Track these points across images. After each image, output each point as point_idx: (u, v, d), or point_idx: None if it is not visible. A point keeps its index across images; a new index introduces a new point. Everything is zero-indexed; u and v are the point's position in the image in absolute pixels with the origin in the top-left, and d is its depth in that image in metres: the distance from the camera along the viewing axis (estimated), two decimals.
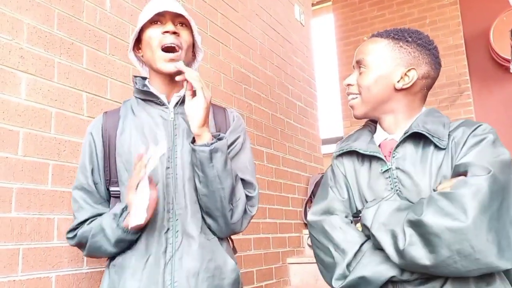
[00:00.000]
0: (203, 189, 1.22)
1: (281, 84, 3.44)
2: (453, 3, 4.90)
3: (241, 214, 1.28)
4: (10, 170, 1.47)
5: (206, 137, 1.21)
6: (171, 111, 1.32)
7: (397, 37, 1.19)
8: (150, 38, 1.28)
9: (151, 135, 1.29)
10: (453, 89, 4.77)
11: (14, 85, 1.53)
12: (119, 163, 1.29)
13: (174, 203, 1.24)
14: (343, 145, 1.27)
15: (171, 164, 1.27)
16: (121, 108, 1.38)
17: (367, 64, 1.19)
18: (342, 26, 5.50)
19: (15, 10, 1.56)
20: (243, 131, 1.40)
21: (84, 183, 1.30)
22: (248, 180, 1.33)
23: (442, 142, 1.10)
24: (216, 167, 1.20)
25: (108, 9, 1.95)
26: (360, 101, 1.21)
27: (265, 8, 3.37)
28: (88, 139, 1.34)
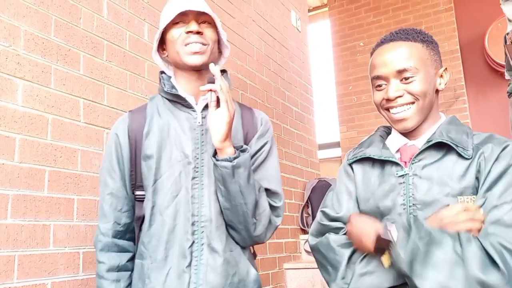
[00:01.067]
0: (225, 203, 1.19)
1: (277, 90, 3.45)
2: (448, 9, 4.94)
3: (265, 226, 1.24)
4: (6, 177, 1.47)
5: (229, 151, 1.16)
6: (198, 114, 1.27)
7: (425, 39, 1.16)
8: (174, 38, 1.25)
9: (177, 140, 1.24)
10: (448, 94, 4.80)
11: (11, 91, 1.53)
12: (143, 167, 1.25)
13: (199, 215, 1.21)
14: (356, 151, 1.24)
15: (197, 174, 1.23)
16: (147, 106, 1.34)
17: (416, 70, 1.11)
18: (338, 32, 5.52)
19: (12, 17, 1.57)
20: (271, 137, 1.35)
21: (113, 187, 1.28)
22: (273, 189, 1.27)
23: (467, 152, 1.07)
24: (238, 182, 1.15)
25: (105, 15, 1.96)
26: (416, 110, 1.13)
27: (262, 15, 3.39)
28: (114, 140, 1.30)
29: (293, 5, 3.95)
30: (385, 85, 1.15)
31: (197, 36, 1.23)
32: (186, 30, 1.24)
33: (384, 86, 1.15)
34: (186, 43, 1.23)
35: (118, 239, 1.28)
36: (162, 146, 1.24)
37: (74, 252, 1.66)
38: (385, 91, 1.14)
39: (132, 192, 1.29)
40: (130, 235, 1.31)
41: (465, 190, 1.05)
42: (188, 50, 1.23)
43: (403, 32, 1.17)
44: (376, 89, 1.17)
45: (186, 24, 1.25)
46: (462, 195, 1.05)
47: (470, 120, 4.71)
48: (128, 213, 1.29)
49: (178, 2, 1.26)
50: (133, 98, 2.02)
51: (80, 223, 1.70)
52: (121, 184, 1.28)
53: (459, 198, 1.05)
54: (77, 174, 1.71)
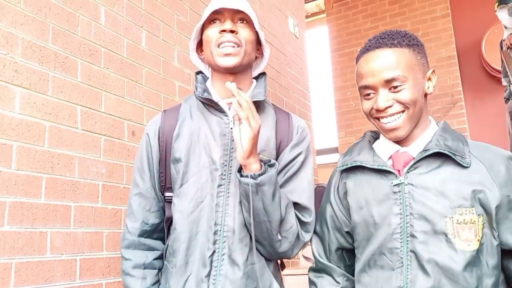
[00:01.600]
0: (249, 218, 1.13)
1: (275, 96, 3.46)
2: (445, 15, 4.97)
3: (292, 243, 1.19)
4: (3, 184, 1.48)
5: (254, 168, 1.11)
6: (230, 119, 1.22)
7: (411, 42, 1.12)
8: (208, 37, 1.21)
9: (206, 145, 1.21)
10: (446, 100, 4.82)
11: (9, 99, 1.53)
12: (172, 170, 1.23)
13: (222, 225, 1.17)
14: (346, 159, 1.20)
15: (224, 181, 1.18)
16: (181, 107, 1.30)
17: (405, 78, 1.08)
18: (336, 38, 5.55)
19: (10, 25, 1.57)
20: (307, 147, 1.28)
21: (142, 187, 1.27)
22: (304, 204, 1.21)
23: (465, 160, 1.06)
24: (262, 200, 1.11)
25: (103, 23, 1.96)
26: (407, 118, 1.10)
27: (260, 21, 3.40)
28: (145, 140, 1.29)
29: (290, 11, 3.97)
30: (374, 94, 1.11)
31: (231, 35, 1.18)
32: (220, 29, 1.20)
33: (372, 95, 1.12)
34: (219, 43, 1.19)
35: (145, 238, 1.27)
36: (191, 150, 1.21)
37: (71, 259, 1.66)
38: (374, 100, 1.11)
39: (161, 193, 1.28)
40: (158, 234, 1.29)
41: (464, 202, 1.04)
42: (221, 51, 1.19)
43: (388, 37, 1.12)
44: (364, 98, 1.14)
45: (222, 23, 1.21)
46: (460, 207, 1.03)
47: (468, 125, 4.72)
48: (157, 214, 1.28)
49: (214, 2, 1.23)
50: (131, 105, 2.03)
51: (77, 230, 1.70)
52: (150, 185, 1.27)
53: (457, 210, 1.03)
54: (74, 181, 1.72)
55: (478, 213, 1.03)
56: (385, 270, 1.09)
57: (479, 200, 1.03)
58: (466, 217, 1.03)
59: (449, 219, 1.03)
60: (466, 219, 1.03)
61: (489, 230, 1.04)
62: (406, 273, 1.05)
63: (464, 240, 1.02)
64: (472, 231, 1.02)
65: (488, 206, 1.03)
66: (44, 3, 1.71)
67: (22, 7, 1.62)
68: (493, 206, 1.02)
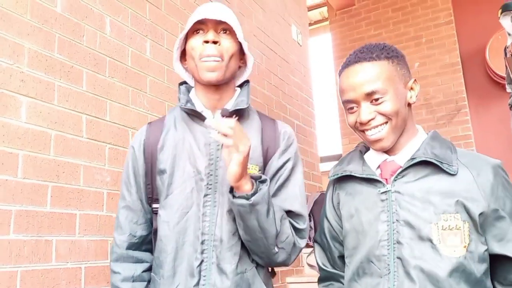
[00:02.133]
0: (245, 236, 1.15)
1: (279, 103, 3.47)
2: (448, 22, 4.97)
3: (289, 253, 1.20)
4: (9, 193, 1.49)
5: (246, 188, 1.10)
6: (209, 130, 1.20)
7: (390, 55, 1.14)
8: (192, 49, 1.21)
9: (191, 155, 1.21)
10: (450, 106, 4.81)
11: (15, 108, 1.55)
12: (158, 181, 1.23)
13: (209, 234, 1.17)
14: (336, 169, 1.24)
15: (210, 191, 1.19)
16: (166, 118, 1.31)
17: (385, 90, 1.10)
18: (339, 45, 5.57)
19: (17, 35, 1.60)
20: (294, 152, 1.28)
21: (129, 200, 1.27)
22: (297, 211, 1.21)
23: (452, 168, 1.07)
24: (257, 218, 1.10)
25: (108, 33, 1.99)
26: (390, 129, 1.12)
27: (263, 29, 3.43)
28: (131, 153, 1.29)
29: (293, 19, 3.99)
30: (357, 107, 1.13)
31: (214, 46, 1.18)
32: (203, 39, 1.19)
33: (355, 108, 1.14)
34: (202, 56, 1.18)
35: (133, 250, 1.27)
36: (176, 161, 1.21)
37: (76, 268, 1.66)
38: (357, 113, 1.13)
39: (149, 205, 1.28)
40: (147, 246, 1.30)
41: (448, 208, 1.05)
42: (205, 66, 1.19)
43: (367, 51, 1.14)
44: (348, 112, 1.17)
45: (205, 33, 1.21)
46: (445, 213, 1.05)
47: (472, 132, 4.71)
48: (144, 226, 1.28)
49: (200, 9, 1.23)
50: (135, 114, 2.04)
51: (82, 238, 1.71)
52: (137, 197, 1.27)
53: (442, 216, 1.05)
54: (80, 189, 1.73)
55: (463, 219, 1.04)
56: (373, 278, 1.10)
57: (464, 206, 1.04)
58: (451, 223, 1.04)
59: (434, 225, 1.05)
60: (451, 225, 1.04)
61: (476, 236, 1.05)
62: (393, 280, 1.07)
63: (450, 246, 1.03)
64: (458, 237, 1.03)
65: (472, 213, 1.04)
66: (50, 14, 1.73)
67: (28, 18, 1.65)
68: (477, 213, 1.04)
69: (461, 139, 4.66)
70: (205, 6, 1.24)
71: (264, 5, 3.49)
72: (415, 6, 5.16)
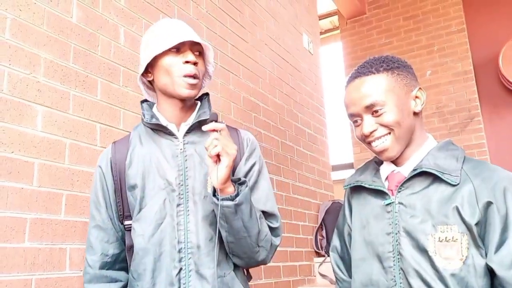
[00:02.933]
0: (229, 238, 1.19)
1: (290, 112, 3.47)
2: (460, 30, 4.95)
3: (268, 250, 1.25)
4: (25, 201, 1.50)
5: (229, 190, 1.15)
6: (180, 141, 1.28)
7: (389, 66, 1.16)
8: (170, 66, 1.24)
9: (159, 168, 1.25)
10: (463, 115, 4.77)
11: (31, 117, 1.57)
12: (129, 197, 1.27)
13: (186, 242, 1.20)
14: (350, 179, 1.28)
15: (182, 201, 1.23)
16: (130, 136, 1.35)
17: (383, 102, 1.13)
18: (350, 54, 5.56)
19: (33, 46, 1.62)
20: (258, 156, 1.34)
21: (98, 219, 1.30)
22: (269, 211, 1.27)
23: (453, 178, 1.07)
24: (241, 218, 1.15)
25: (122, 42, 2.01)
26: (394, 139, 1.14)
27: (274, 38, 3.44)
28: (98, 172, 1.33)
29: (304, 28, 4.00)
30: (360, 120, 1.17)
31: (193, 67, 1.25)
32: (184, 60, 1.24)
33: (359, 121, 1.17)
34: (184, 75, 1.24)
35: (106, 270, 1.29)
36: (145, 175, 1.25)
37: None
38: (360, 127, 1.17)
39: (120, 222, 1.31)
40: (120, 265, 1.32)
41: (445, 219, 1.05)
42: (185, 82, 1.24)
43: (367, 66, 1.18)
44: (354, 125, 1.20)
45: (181, 52, 1.26)
46: (442, 224, 1.05)
47: (486, 140, 4.66)
48: (116, 244, 1.31)
49: (172, 29, 1.28)
50: None
51: None
52: (106, 216, 1.30)
53: (439, 227, 1.05)
54: None
55: (461, 231, 1.04)
56: None
57: (460, 215, 1.04)
58: (448, 235, 1.04)
59: (431, 236, 1.06)
60: (448, 236, 1.04)
61: (476, 249, 1.04)
62: None
63: (445, 258, 1.03)
64: (454, 250, 1.03)
65: (468, 223, 1.03)
66: (66, 24, 1.76)
67: (45, 29, 1.67)
68: (472, 222, 1.03)
69: (474, 148, 4.61)
70: (177, 26, 1.29)
71: (275, 14, 3.51)
72: (426, 14, 5.15)
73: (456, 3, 5.00)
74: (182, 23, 1.32)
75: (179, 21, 1.33)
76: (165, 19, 1.36)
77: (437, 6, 5.10)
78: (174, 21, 1.33)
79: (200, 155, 1.26)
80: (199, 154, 1.27)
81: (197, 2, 2.58)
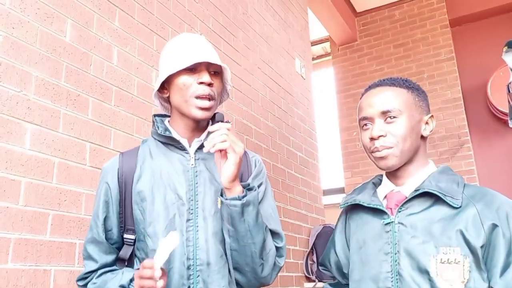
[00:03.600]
0: (233, 244, 1.17)
1: (282, 135, 3.48)
2: (450, 58, 5.04)
3: (271, 267, 1.22)
4: (9, 220, 1.47)
5: (237, 190, 1.16)
6: (191, 156, 1.26)
7: (410, 85, 1.20)
8: (184, 86, 1.23)
9: (170, 182, 1.23)
10: (453, 141, 4.81)
11: (19, 135, 1.55)
12: (135, 210, 1.23)
13: (195, 259, 1.18)
14: (347, 198, 1.27)
15: (192, 216, 1.21)
16: (139, 149, 1.32)
17: (400, 112, 1.15)
18: (342, 79, 5.63)
19: (25, 63, 1.61)
20: (265, 177, 1.35)
21: (95, 232, 1.27)
22: (274, 230, 1.26)
23: (456, 201, 1.08)
24: (247, 221, 1.14)
25: (115, 62, 2.01)
26: (397, 152, 1.15)
27: (267, 62, 3.47)
28: (104, 184, 1.29)
29: (297, 53, 4.05)
30: (371, 125, 1.18)
31: (208, 88, 1.23)
32: (198, 80, 1.22)
33: (369, 125, 1.19)
34: (197, 96, 1.22)
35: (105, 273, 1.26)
36: (155, 189, 1.23)
37: None
38: (370, 130, 1.18)
39: (120, 235, 1.28)
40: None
41: (448, 241, 1.05)
42: (198, 104, 1.22)
43: (389, 79, 1.22)
44: (362, 129, 1.21)
45: (197, 72, 1.23)
46: (444, 246, 1.05)
47: (476, 167, 4.69)
48: (113, 255, 1.28)
49: (188, 45, 1.26)
50: (139, 142, 2.03)
51: (81, 268, 1.66)
52: (102, 230, 1.27)
53: (441, 249, 1.05)
54: (81, 218, 1.70)
55: (464, 253, 1.03)
56: None
57: (464, 238, 1.04)
58: (450, 257, 1.04)
59: (433, 257, 1.05)
60: (450, 258, 1.04)
61: (478, 273, 1.03)
62: None
63: (446, 280, 1.02)
64: (456, 272, 1.02)
65: (472, 246, 1.03)
66: (59, 43, 1.76)
67: (37, 47, 1.67)
68: (477, 245, 1.03)
69: (464, 174, 4.63)
70: (196, 44, 1.27)
71: (268, 39, 3.55)
72: (416, 42, 5.25)
73: (445, 32, 5.12)
74: (200, 40, 1.30)
75: (197, 37, 1.30)
76: (185, 34, 1.33)
77: (427, 34, 5.21)
78: (192, 37, 1.30)
79: (210, 172, 1.25)
80: (210, 170, 1.25)
81: (191, 25, 2.60)
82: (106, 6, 2.01)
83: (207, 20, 2.77)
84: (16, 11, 1.61)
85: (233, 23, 3.08)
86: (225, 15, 2.99)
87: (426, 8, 5.27)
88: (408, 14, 5.37)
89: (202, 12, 2.73)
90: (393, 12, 5.47)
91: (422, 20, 5.27)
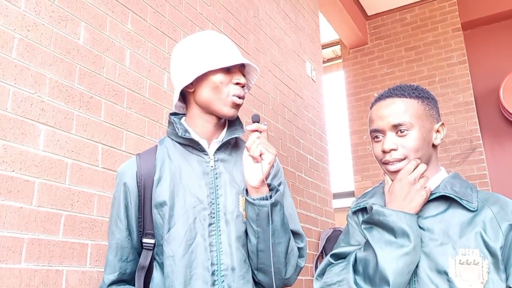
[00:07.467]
0: (259, 245, 1.15)
1: (292, 138, 3.47)
2: (462, 61, 5.00)
3: (294, 268, 1.22)
4: (23, 220, 1.48)
5: (264, 190, 1.15)
6: (211, 158, 1.24)
7: (420, 95, 1.20)
8: (221, 84, 1.22)
9: (190, 185, 1.20)
10: (464, 145, 4.77)
11: (34, 136, 1.57)
12: (156, 215, 1.20)
13: (219, 264, 1.15)
14: (359, 201, 1.27)
15: (213, 220, 1.18)
16: (157, 150, 1.29)
17: (410, 125, 1.14)
18: (352, 83, 5.61)
19: (39, 65, 1.63)
20: (283, 177, 1.34)
21: (118, 237, 1.24)
22: (295, 230, 1.25)
23: (472, 205, 1.09)
24: (275, 221, 1.14)
25: (128, 64, 2.03)
26: None
27: (278, 65, 3.48)
28: (122, 187, 1.26)
29: (308, 56, 4.05)
30: (382, 137, 1.18)
31: (242, 88, 1.25)
32: (235, 81, 1.23)
33: (381, 137, 1.19)
34: (234, 95, 1.23)
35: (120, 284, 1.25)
36: (175, 192, 1.20)
37: None
38: (381, 143, 1.18)
39: (139, 239, 1.25)
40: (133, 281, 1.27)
41: (468, 243, 1.06)
42: (232, 101, 1.23)
43: (399, 89, 1.21)
44: (374, 141, 1.21)
45: (231, 72, 1.24)
46: (463, 247, 1.05)
47: (488, 171, 4.64)
48: (134, 262, 1.26)
49: (222, 44, 1.25)
50: (150, 144, 2.05)
51: (93, 269, 1.68)
52: (126, 234, 1.24)
53: (460, 250, 1.05)
54: (93, 219, 1.72)
55: (483, 255, 1.04)
56: None
57: (483, 240, 1.05)
58: (469, 258, 1.04)
59: (452, 258, 1.06)
60: (469, 259, 1.04)
61: (497, 274, 1.03)
62: None
63: (466, 280, 1.03)
64: (475, 273, 1.03)
65: (492, 248, 1.04)
66: (72, 45, 1.78)
67: (52, 49, 1.69)
68: (497, 247, 1.03)
69: (476, 179, 4.59)
70: (229, 44, 1.28)
71: (279, 42, 3.56)
72: (428, 46, 5.22)
73: (457, 35, 5.08)
74: (229, 40, 1.30)
75: (226, 38, 1.31)
76: (209, 32, 1.31)
77: (438, 38, 5.18)
78: (222, 37, 1.30)
79: (230, 174, 1.23)
80: (230, 172, 1.24)
81: (203, 28, 2.61)
82: (119, 9, 2.03)
83: (218, 23, 2.78)
84: (31, 13, 1.63)
85: (244, 26, 3.09)
86: (236, 18, 3.00)
87: (438, 11, 5.24)
88: (420, 17, 5.34)
89: (214, 15, 2.74)
90: (405, 15, 5.44)
91: (433, 23, 5.24)
